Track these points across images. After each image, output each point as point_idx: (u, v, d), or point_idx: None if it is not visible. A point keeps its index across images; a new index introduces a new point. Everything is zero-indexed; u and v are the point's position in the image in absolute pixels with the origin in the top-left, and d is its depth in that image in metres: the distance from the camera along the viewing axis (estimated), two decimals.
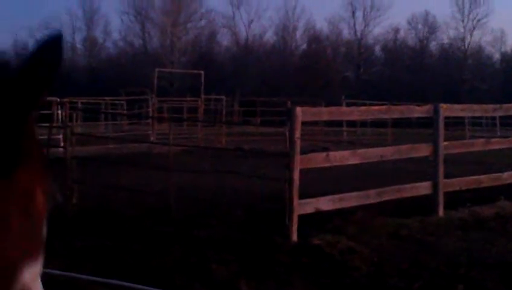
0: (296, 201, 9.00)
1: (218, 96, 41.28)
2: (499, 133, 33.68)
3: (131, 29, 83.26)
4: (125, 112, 38.88)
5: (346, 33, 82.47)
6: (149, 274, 7.12)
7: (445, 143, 11.31)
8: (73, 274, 6.99)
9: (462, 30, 79.86)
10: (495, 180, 12.41)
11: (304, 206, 9.19)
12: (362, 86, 74.37)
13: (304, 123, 9.39)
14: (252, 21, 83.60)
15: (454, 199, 11.44)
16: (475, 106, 13.88)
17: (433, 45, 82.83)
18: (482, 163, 16.80)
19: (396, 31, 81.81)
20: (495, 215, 10.94)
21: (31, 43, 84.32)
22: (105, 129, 34.90)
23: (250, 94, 53.39)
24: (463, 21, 79.52)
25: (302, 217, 9.09)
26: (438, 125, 11.12)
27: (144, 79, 54.99)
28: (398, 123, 35.19)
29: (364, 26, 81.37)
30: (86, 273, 7.00)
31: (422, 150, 11.43)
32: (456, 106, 13.39)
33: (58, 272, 6.99)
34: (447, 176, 11.29)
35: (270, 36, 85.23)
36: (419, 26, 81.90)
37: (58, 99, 25.26)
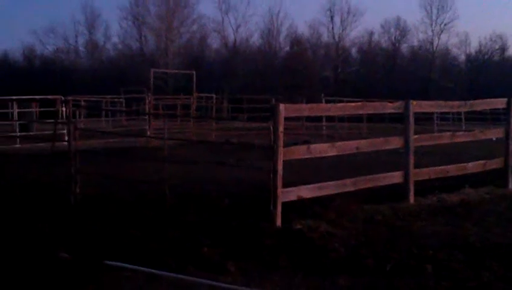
0: (279, 190, 9.00)
1: (208, 95, 41.21)
2: (464, 127, 33.85)
3: (129, 33, 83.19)
4: (124, 109, 38.76)
5: (325, 36, 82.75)
6: (146, 257, 7.09)
7: (415, 136, 11.32)
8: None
9: (430, 33, 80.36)
10: (460, 170, 12.44)
11: (287, 194, 9.18)
12: (340, 84, 74.42)
13: (286, 119, 9.36)
14: (239, 26, 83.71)
15: (424, 187, 11.48)
16: (442, 103, 13.87)
17: (404, 47, 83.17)
18: (449, 154, 16.84)
19: (371, 34, 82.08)
20: (460, 202, 10.98)
21: (38, 46, 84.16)
22: (105, 125, 34.80)
23: (238, 92, 53.36)
24: (431, 25, 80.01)
25: (285, 204, 9.09)
26: (409, 120, 11.13)
27: (141, 79, 54.80)
28: (372, 118, 35.28)
29: (342, 30, 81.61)
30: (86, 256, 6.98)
31: (394, 143, 11.43)
32: (425, 103, 13.39)
33: (65, 254, 6.98)
34: (416, 166, 11.31)
35: (256, 39, 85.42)
36: (392, 30, 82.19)
37: (63, 98, 25.19)
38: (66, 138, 12.81)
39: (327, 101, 32.90)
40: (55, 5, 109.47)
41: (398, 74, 75.74)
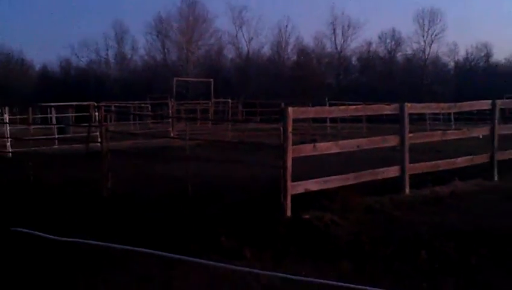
0: (289, 183, 8.98)
1: (225, 100, 41.26)
2: (453, 126, 33.65)
3: (154, 46, 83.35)
4: (150, 113, 38.83)
5: (328, 47, 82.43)
6: (169, 245, 7.09)
7: (410, 135, 11.27)
8: (107, 244, 6.97)
9: (422, 43, 79.96)
10: (450, 165, 12.38)
11: (295, 188, 9.16)
12: (342, 90, 74.23)
13: (295, 120, 9.34)
14: (252, 38, 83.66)
15: (418, 180, 11.41)
16: (433, 105, 13.82)
17: (399, 56, 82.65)
18: (440, 151, 16.75)
19: (369, 44, 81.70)
20: (451, 193, 10.92)
21: (73, 59, 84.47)
22: (134, 127, 34.87)
23: (251, 97, 53.35)
24: (423, 36, 79.55)
25: (294, 197, 9.07)
26: (404, 120, 11.08)
27: (165, 86, 55.05)
28: (371, 119, 35.15)
29: (343, 41, 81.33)
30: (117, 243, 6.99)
31: (392, 141, 11.39)
32: (418, 105, 13.33)
33: (94, 242, 7.00)
34: (411, 162, 11.26)
35: (266, 50, 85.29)
36: (388, 40, 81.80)
37: (96, 104, 25.23)
38: (99, 140, 12.85)
39: (331, 105, 32.81)
40: (89, 22, 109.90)
41: (394, 79, 75.37)
